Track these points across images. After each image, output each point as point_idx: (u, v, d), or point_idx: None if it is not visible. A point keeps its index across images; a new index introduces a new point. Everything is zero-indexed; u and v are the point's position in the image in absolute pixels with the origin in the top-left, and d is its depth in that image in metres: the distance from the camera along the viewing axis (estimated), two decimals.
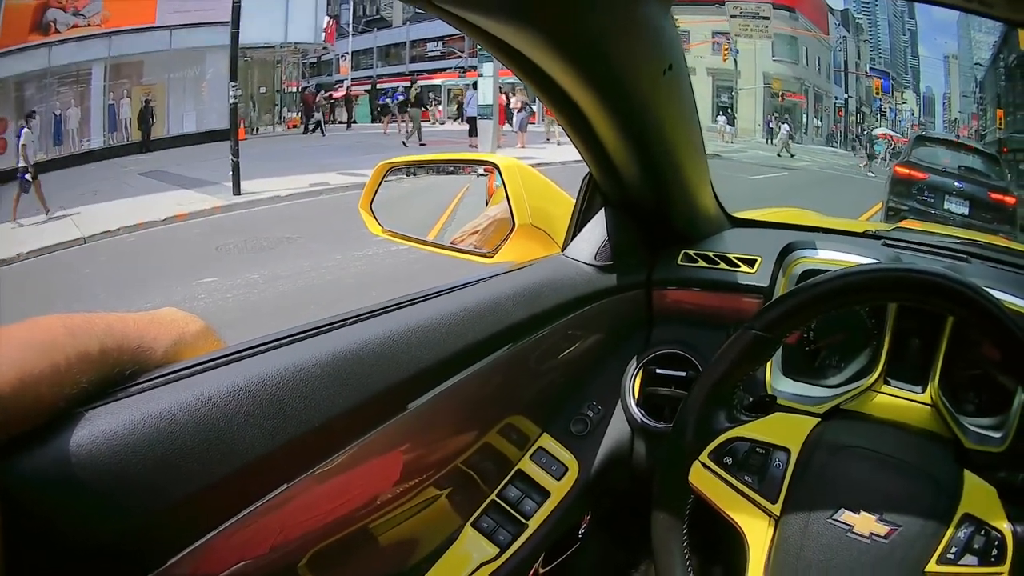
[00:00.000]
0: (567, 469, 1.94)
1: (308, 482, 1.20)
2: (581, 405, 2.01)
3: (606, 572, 2.33)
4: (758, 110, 42.25)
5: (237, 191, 16.87)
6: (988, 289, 1.64)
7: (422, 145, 25.71)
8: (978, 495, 1.42)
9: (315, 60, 38.68)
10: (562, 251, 2.05)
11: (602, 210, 2.04)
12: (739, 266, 2.07)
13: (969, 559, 1.35)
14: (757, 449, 1.49)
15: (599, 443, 2.01)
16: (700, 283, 2.08)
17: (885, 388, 1.90)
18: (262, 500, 1.12)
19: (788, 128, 39.74)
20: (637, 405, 2.02)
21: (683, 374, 1.99)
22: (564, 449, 1.95)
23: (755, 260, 2.07)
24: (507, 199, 2.09)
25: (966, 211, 12.80)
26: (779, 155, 35.59)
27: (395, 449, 1.45)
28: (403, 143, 25.90)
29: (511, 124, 25.37)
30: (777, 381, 1.93)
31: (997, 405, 1.84)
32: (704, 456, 1.50)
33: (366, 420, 1.30)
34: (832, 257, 1.94)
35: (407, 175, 2.56)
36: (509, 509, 1.84)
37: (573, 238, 2.06)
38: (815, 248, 1.97)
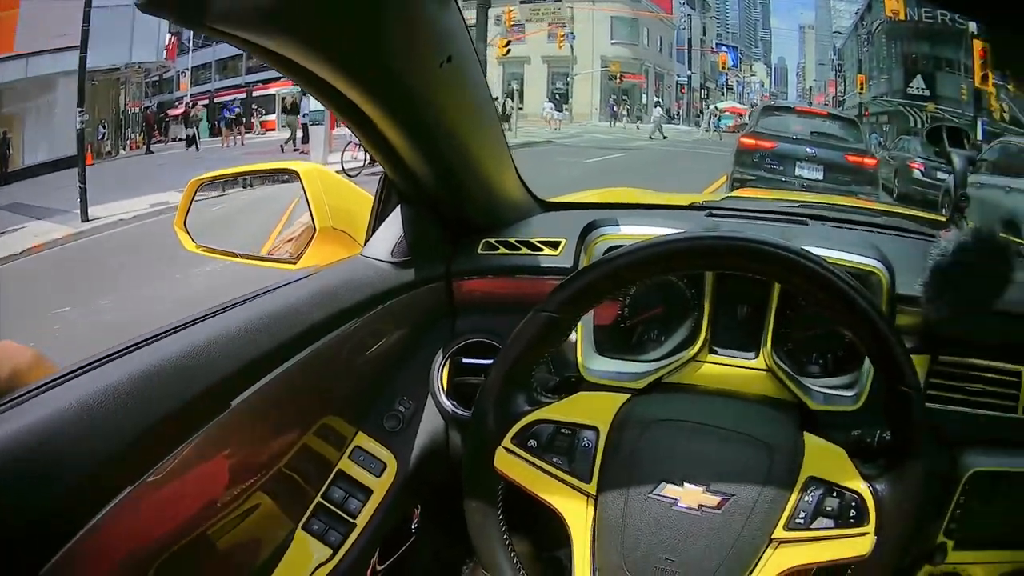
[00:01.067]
0: (386, 465, 1.95)
1: (132, 501, 1.19)
2: (392, 401, 2.01)
3: (442, 565, 2.34)
4: (595, 94, 43.07)
5: (85, 217, 16.55)
6: (820, 248, 1.67)
7: (295, 151, 25.52)
8: (822, 457, 1.44)
9: (157, 79, 38.10)
10: (362, 251, 2.03)
11: (398, 207, 2.03)
12: (542, 250, 2.08)
13: (824, 522, 1.37)
14: (562, 430, 1.49)
15: (414, 437, 2.02)
16: (501, 270, 2.09)
17: (711, 357, 1.89)
18: (90, 522, 1.11)
19: (661, 111, 40.46)
20: (447, 396, 2.04)
21: (490, 362, 1.91)
22: (380, 446, 1.96)
23: (559, 242, 2.08)
24: (307, 204, 2.09)
25: (820, 176, 13.15)
26: (651, 137, 36.38)
27: (211, 460, 1.43)
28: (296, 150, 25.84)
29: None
30: (590, 360, 1.90)
31: (846, 364, 1.87)
32: (507, 441, 1.49)
33: (172, 435, 1.28)
34: (634, 232, 1.87)
35: (243, 187, 2.52)
36: (336, 510, 1.85)
37: (371, 237, 2.05)
38: (617, 224, 1.92)
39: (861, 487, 1.38)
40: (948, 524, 1.85)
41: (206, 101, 39.53)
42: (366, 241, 2.05)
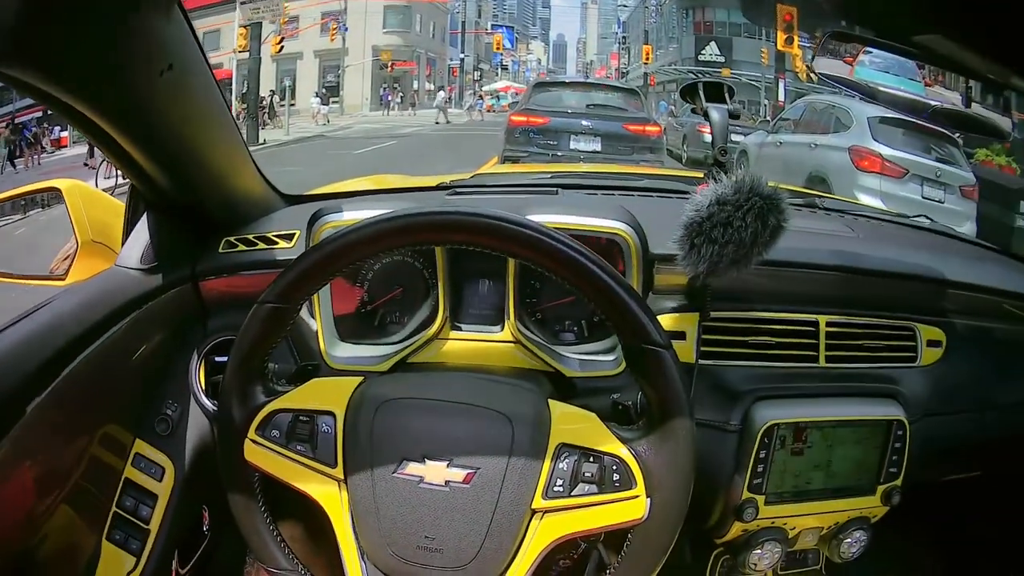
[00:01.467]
0: (164, 469, 1.98)
1: None
2: (161, 406, 2.03)
3: (240, 562, 2.36)
4: (365, 84, 42.71)
5: None
6: (563, 216, 1.85)
7: (84, 165, 24.62)
8: (571, 423, 1.44)
9: None
10: (116, 261, 2.00)
11: (146, 214, 2.01)
12: (277, 243, 2.12)
13: (585, 488, 1.37)
14: (301, 418, 1.48)
15: (184, 439, 2.04)
16: (240, 267, 2.10)
17: (455, 334, 1.95)
18: None
19: (444, 94, 40.42)
20: (206, 395, 2.05)
21: None
22: (157, 451, 1.99)
23: (294, 234, 2.12)
24: (70, 221, 2.09)
25: (598, 147, 12.97)
26: (436, 122, 36.81)
27: (12, 480, 1.45)
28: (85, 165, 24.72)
29: None
30: (333, 348, 1.95)
31: (602, 329, 1.94)
32: (252, 433, 1.48)
33: None
34: (355, 216, 1.85)
35: (42, 208, 2.43)
36: (130, 518, 1.90)
37: (123, 247, 2.03)
38: (341, 211, 1.94)
39: (621, 451, 1.38)
40: (752, 480, 1.91)
41: (7, 123, 37.87)
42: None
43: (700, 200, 1.62)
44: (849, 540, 2.04)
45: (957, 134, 11.19)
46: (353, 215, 1.89)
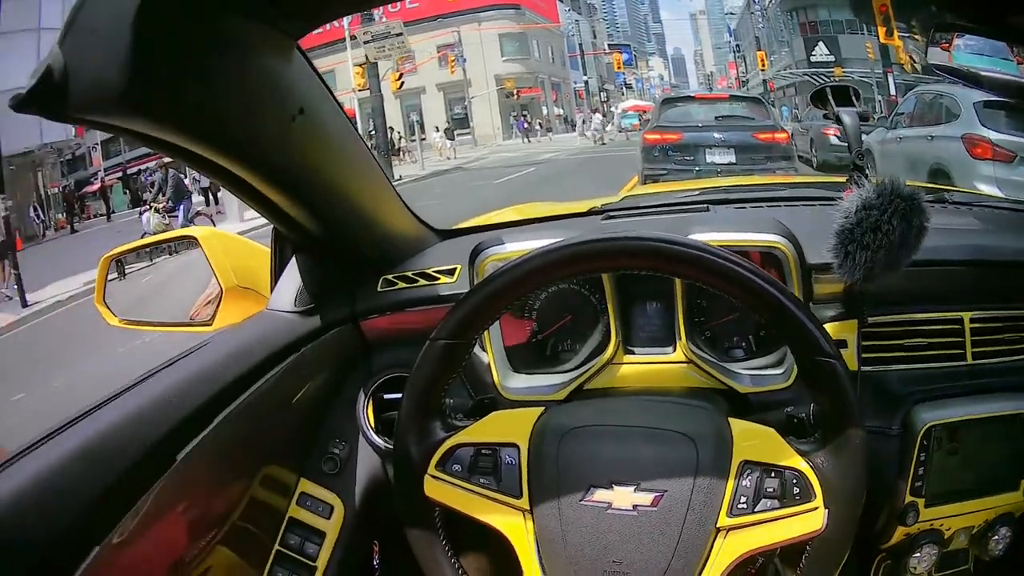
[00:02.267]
0: (333, 507, 1.98)
1: (100, 567, 1.20)
2: (327, 445, 2.04)
3: None
4: (494, 114, 42.91)
5: (24, 303, 16.62)
6: (720, 232, 1.83)
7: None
8: (751, 439, 1.43)
9: (71, 157, 37.45)
10: (268, 305, 2.02)
11: (294, 257, 2.02)
12: (439, 279, 2.11)
13: (767, 503, 1.36)
14: (483, 451, 1.48)
15: (354, 476, 2.05)
16: (402, 304, 2.10)
17: (628, 358, 1.94)
18: None
19: (601, 117, 40.61)
20: (377, 433, 2.06)
21: None
22: (324, 489, 1.99)
23: (455, 269, 2.10)
24: (210, 268, 2.11)
25: (733, 159, 12.94)
26: (595, 142, 37.24)
27: (168, 519, 1.44)
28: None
29: None
30: (507, 379, 1.95)
31: (770, 343, 1.93)
32: (432, 469, 1.48)
33: (126, 496, 1.30)
34: (519, 248, 1.83)
35: (169, 255, 2.46)
36: (295, 555, 1.89)
37: (274, 290, 2.04)
38: (503, 243, 1.96)
39: (800, 464, 1.37)
40: (913, 483, 1.85)
41: (120, 173, 39.05)
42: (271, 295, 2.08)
43: (847, 206, 1.61)
44: (996, 537, 1.97)
45: None
46: (516, 247, 1.91)
